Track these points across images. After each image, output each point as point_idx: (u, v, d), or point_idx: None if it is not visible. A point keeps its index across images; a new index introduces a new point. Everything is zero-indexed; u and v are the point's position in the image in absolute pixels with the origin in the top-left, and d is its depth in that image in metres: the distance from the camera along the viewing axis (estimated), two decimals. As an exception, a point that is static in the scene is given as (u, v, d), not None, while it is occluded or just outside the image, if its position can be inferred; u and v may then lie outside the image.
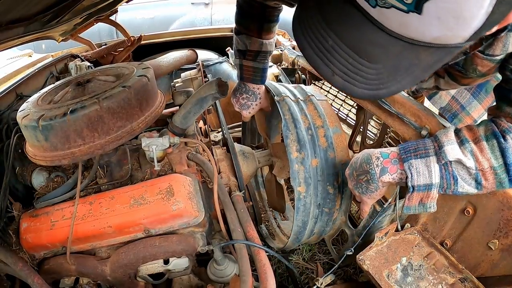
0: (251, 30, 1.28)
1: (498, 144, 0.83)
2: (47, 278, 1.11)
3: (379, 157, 0.95)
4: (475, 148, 0.85)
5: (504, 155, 0.82)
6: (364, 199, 1.04)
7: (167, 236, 1.13)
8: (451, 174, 0.86)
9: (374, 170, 0.95)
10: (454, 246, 1.13)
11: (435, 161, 0.87)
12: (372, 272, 1.08)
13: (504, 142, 0.82)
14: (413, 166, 0.89)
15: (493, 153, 0.83)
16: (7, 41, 1.27)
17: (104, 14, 2.17)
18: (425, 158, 0.88)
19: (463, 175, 0.86)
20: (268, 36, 1.31)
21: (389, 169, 0.93)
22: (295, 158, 1.23)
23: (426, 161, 0.88)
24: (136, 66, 1.29)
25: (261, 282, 0.94)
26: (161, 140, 1.14)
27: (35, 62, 2.09)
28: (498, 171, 0.83)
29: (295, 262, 1.95)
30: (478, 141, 0.85)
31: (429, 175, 0.87)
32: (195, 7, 5.06)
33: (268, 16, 1.25)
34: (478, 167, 0.84)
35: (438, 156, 0.87)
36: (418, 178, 0.88)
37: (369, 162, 0.96)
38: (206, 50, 2.78)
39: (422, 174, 0.87)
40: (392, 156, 0.94)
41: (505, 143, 0.82)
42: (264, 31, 1.28)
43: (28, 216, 1.12)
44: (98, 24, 2.40)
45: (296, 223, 1.27)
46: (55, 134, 1.02)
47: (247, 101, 1.39)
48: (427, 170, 0.87)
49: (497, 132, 0.84)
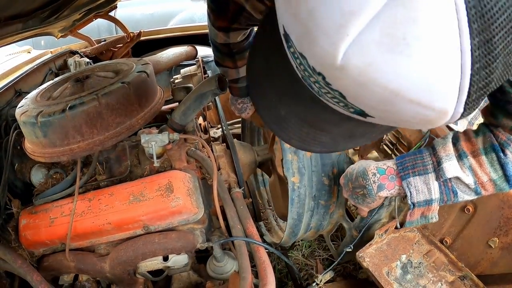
0: (226, 64, 1.35)
1: (497, 159, 0.81)
2: (46, 275, 1.11)
3: (375, 173, 0.93)
4: (474, 163, 0.82)
5: (504, 168, 0.80)
6: (360, 207, 1.04)
7: (167, 233, 1.13)
8: (451, 189, 0.85)
9: (371, 186, 0.93)
10: (454, 244, 1.13)
11: (434, 178, 0.85)
12: (372, 270, 1.08)
13: (504, 157, 0.80)
14: (411, 184, 0.87)
15: (492, 167, 0.81)
16: (6, 37, 1.27)
17: (103, 10, 2.16)
18: (423, 176, 0.86)
19: (463, 189, 0.85)
20: (243, 63, 1.36)
21: (387, 185, 0.92)
22: (288, 147, 1.23)
23: (425, 179, 0.86)
24: (135, 62, 1.28)
25: (261, 278, 0.94)
26: (160, 137, 1.14)
27: (34, 58, 2.08)
28: (498, 182, 0.82)
29: (295, 258, 1.96)
30: (477, 155, 0.83)
31: (429, 192, 0.85)
32: (194, 3, 5.03)
33: (237, 51, 1.30)
34: (477, 182, 0.83)
35: (437, 174, 0.85)
36: (417, 195, 0.87)
37: (366, 177, 0.95)
38: (206, 46, 2.76)
39: (421, 191, 0.86)
40: (388, 172, 0.92)
41: (504, 158, 0.80)
42: (238, 61, 1.33)
43: (27, 213, 1.12)
44: (97, 20, 2.39)
45: (291, 215, 1.26)
46: (54, 130, 1.02)
47: (243, 105, 1.45)
48: (426, 187, 0.86)
49: (496, 146, 0.81)
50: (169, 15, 4.95)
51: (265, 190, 2.19)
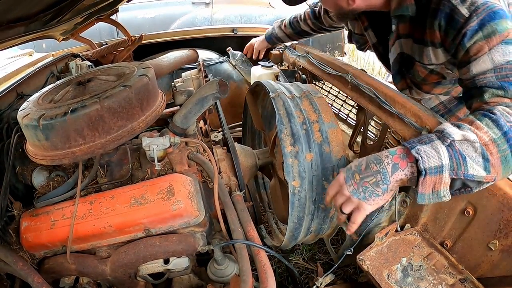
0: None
1: (490, 119, 0.90)
2: (47, 278, 1.11)
3: (388, 155, 0.95)
4: (472, 128, 0.91)
5: (499, 126, 0.89)
6: (364, 205, 0.99)
7: (167, 235, 1.13)
8: (459, 152, 0.88)
9: (386, 168, 0.94)
10: (454, 247, 1.13)
11: (441, 143, 0.90)
12: (372, 273, 1.08)
13: (495, 115, 0.90)
14: (421, 150, 0.90)
15: (489, 127, 0.89)
16: (8, 40, 1.28)
17: (105, 14, 2.17)
18: (430, 143, 0.91)
19: (470, 153, 0.88)
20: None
21: (400, 164, 0.93)
22: (289, 152, 1.23)
23: (432, 145, 0.90)
24: (137, 66, 1.29)
25: (261, 282, 0.94)
26: (161, 140, 1.14)
27: (36, 61, 2.09)
28: (499, 143, 0.88)
29: (295, 262, 1.95)
30: (473, 123, 0.93)
31: (439, 156, 0.88)
32: (195, 7, 5.06)
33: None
34: (480, 141, 0.88)
35: (442, 140, 0.90)
36: (428, 160, 0.88)
37: (379, 161, 0.96)
38: (207, 50, 2.78)
39: (432, 156, 0.88)
40: (399, 151, 0.95)
41: (495, 116, 0.90)
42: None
43: (29, 215, 1.12)
44: (99, 24, 2.40)
45: (291, 219, 1.26)
46: (55, 133, 1.03)
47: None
48: (436, 152, 0.89)
49: (485, 112, 0.94)
50: (170, 19, 4.98)
51: (266, 193, 2.19)
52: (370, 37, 1.58)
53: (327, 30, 2.05)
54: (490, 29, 1.00)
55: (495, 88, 0.98)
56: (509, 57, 0.98)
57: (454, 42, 1.10)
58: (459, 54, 1.09)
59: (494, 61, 0.99)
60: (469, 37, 1.04)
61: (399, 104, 1.25)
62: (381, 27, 1.47)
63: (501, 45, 0.99)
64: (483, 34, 1.01)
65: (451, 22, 1.09)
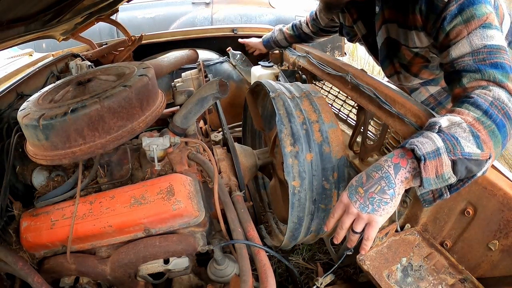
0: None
1: (468, 103, 0.95)
2: (47, 277, 1.11)
3: (386, 159, 0.95)
4: (455, 114, 0.95)
5: (478, 106, 0.92)
6: (375, 218, 0.94)
7: (168, 235, 1.13)
8: (450, 135, 0.89)
9: (388, 171, 0.93)
10: (454, 247, 1.13)
11: (430, 132, 0.92)
12: (372, 273, 1.08)
13: (472, 99, 0.95)
14: (414, 141, 0.91)
15: (469, 110, 0.93)
16: (8, 40, 1.28)
17: (105, 14, 2.17)
18: (421, 134, 0.93)
19: (460, 133, 0.89)
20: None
21: (401, 163, 0.93)
22: (289, 152, 1.23)
23: (423, 135, 0.92)
24: (137, 66, 1.29)
25: (261, 282, 0.95)
26: (161, 140, 1.14)
27: (36, 61, 2.08)
28: (483, 119, 0.91)
29: (295, 262, 1.95)
30: (453, 110, 0.97)
31: (432, 142, 0.89)
32: (196, 7, 5.06)
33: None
34: (465, 122, 0.91)
35: (430, 129, 0.93)
36: (423, 146, 0.89)
37: (380, 167, 0.95)
38: (207, 50, 2.78)
39: (425, 143, 0.89)
40: (396, 153, 0.95)
41: (472, 99, 0.94)
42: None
43: (29, 215, 1.12)
44: (99, 24, 2.40)
45: (291, 219, 1.26)
46: (55, 133, 1.03)
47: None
48: (428, 139, 0.90)
49: (463, 99, 0.98)
50: (170, 19, 4.98)
51: (266, 193, 2.19)
52: (360, 29, 1.60)
53: (325, 32, 2.07)
54: (469, 13, 1.03)
55: (472, 72, 1.01)
56: (487, 41, 1.01)
57: (434, 26, 1.13)
58: (440, 38, 1.12)
59: (472, 45, 1.02)
60: (448, 21, 1.07)
61: (399, 104, 1.25)
62: (370, 19, 1.49)
63: (480, 29, 1.02)
64: (462, 19, 1.04)
65: (431, 6, 1.11)
